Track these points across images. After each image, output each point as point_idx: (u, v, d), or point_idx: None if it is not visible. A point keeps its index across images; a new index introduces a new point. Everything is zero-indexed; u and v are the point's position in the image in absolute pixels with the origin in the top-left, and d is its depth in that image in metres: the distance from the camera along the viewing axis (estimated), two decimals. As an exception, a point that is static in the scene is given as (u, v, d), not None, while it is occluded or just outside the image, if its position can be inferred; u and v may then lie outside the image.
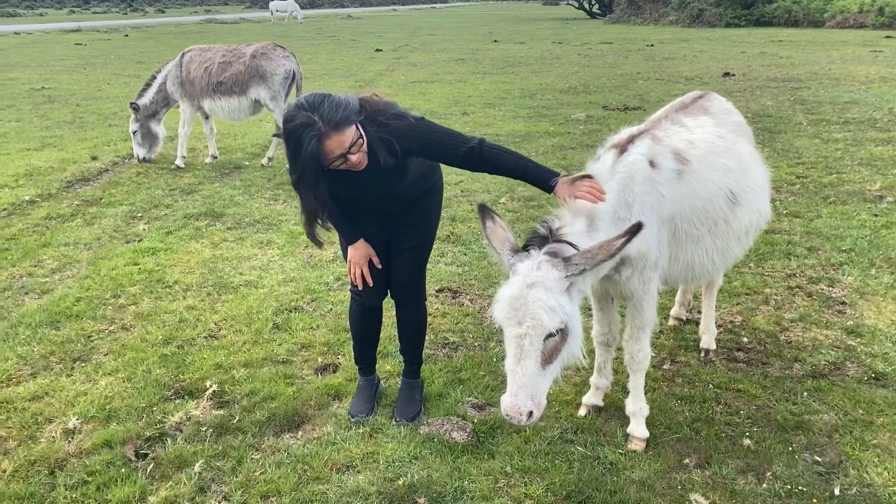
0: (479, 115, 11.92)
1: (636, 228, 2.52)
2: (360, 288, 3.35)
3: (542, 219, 2.78)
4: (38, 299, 4.92)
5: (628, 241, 2.52)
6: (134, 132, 8.46)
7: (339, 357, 4.08)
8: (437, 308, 4.67)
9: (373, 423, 3.43)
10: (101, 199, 7.26)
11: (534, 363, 2.46)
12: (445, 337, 4.30)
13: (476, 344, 4.22)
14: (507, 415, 2.47)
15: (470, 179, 7.75)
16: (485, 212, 2.79)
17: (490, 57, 22.09)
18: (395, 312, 3.59)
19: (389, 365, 3.99)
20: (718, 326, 4.30)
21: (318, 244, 3.19)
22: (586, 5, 56.56)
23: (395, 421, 3.45)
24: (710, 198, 3.11)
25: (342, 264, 5.41)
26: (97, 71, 18.90)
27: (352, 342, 3.69)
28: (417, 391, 3.62)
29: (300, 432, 3.42)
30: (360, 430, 3.38)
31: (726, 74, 16.01)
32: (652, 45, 24.44)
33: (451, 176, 7.90)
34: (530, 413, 2.46)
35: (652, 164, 2.95)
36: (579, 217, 2.73)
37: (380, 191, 3.14)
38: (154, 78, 8.40)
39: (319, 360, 4.05)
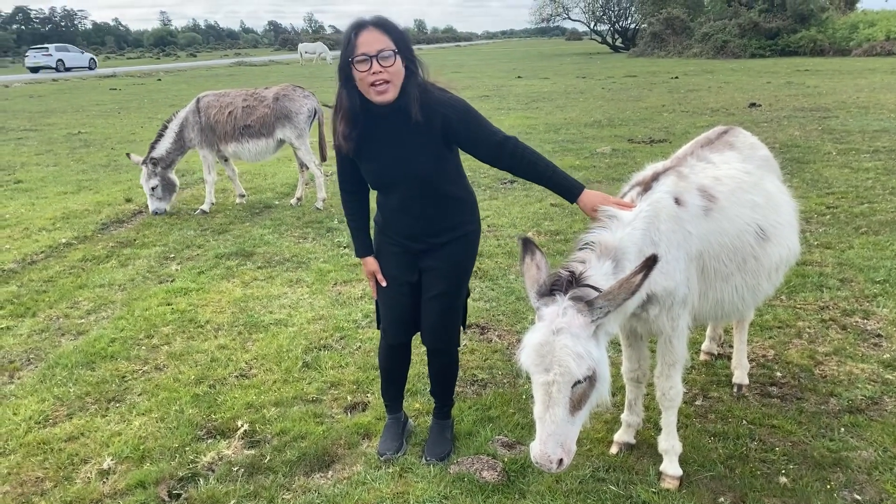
0: (504, 150, 11.99)
1: (652, 262, 2.51)
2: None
3: (564, 263, 2.78)
4: (74, 340, 5.02)
5: (646, 275, 2.50)
6: (154, 188, 8.27)
7: (369, 395, 4.09)
8: (465, 344, 4.67)
9: (402, 463, 3.43)
10: (134, 240, 7.42)
11: (562, 410, 2.45)
12: (474, 374, 4.29)
13: (505, 381, 4.20)
14: (538, 463, 2.45)
15: (496, 214, 7.79)
16: (526, 246, 2.78)
17: (514, 93, 22.31)
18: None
19: (418, 403, 3.99)
20: (751, 361, 4.24)
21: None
22: (609, 39, 57.06)
23: (426, 460, 3.44)
24: (738, 234, 3.10)
25: (370, 302, 5.45)
26: (131, 115, 19.43)
27: (380, 380, 3.70)
28: (448, 430, 3.60)
29: (330, 472, 3.42)
30: (390, 470, 3.38)
31: (752, 105, 15.97)
32: (676, 78, 24.51)
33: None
34: (560, 460, 2.44)
35: (677, 201, 2.95)
36: (604, 259, 2.72)
37: (402, 163, 3.05)
38: (166, 127, 8.38)
39: (349, 398, 4.07)
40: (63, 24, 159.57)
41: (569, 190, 3.00)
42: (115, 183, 10.26)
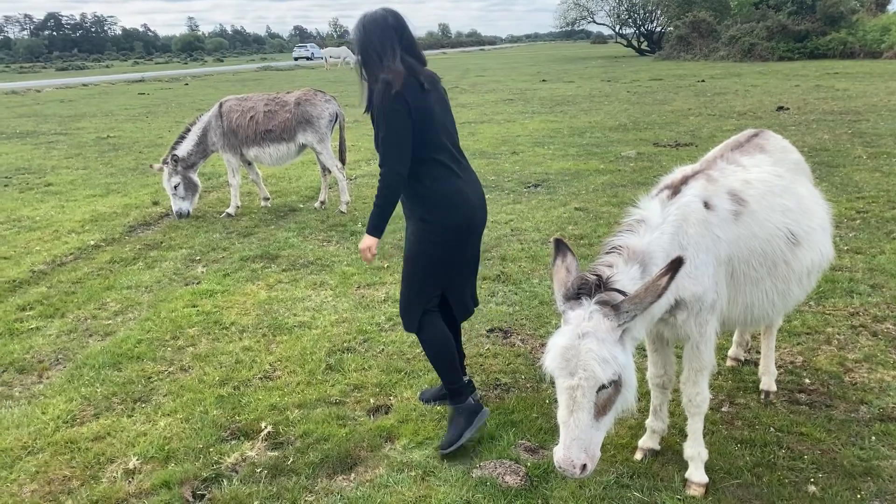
0: (528, 153, 11.98)
1: (677, 264, 2.48)
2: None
3: (591, 266, 2.75)
4: (101, 341, 5.08)
5: (672, 277, 2.47)
6: (176, 186, 8.29)
7: (391, 398, 4.09)
8: (487, 348, 4.66)
9: (425, 466, 3.42)
10: (161, 242, 7.50)
11: (586, 415, 2.42)
12: (497, 378, 4.27)
13: (528, 385, 4.18)
14: (561, 467, 2.43)
15: (519, 218, 7.76)
16: (558, 248, 2.77)
17: (539, 96, 22.26)
18: None
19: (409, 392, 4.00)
20: (778, 367, 4.17)
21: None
22: (635, 43, 56.73)
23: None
24: (768, 239, 3.05)
25: (393, 305, 5.46)
26: (159, 119, 19.69)
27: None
28: (451, 419, 3.61)
29: (353, 474, 3.42)
30: (413, 473, 3.37)
31: (780, 108, 15.78)
32: (703, 81, 24.28)
33: (501, 215, 7.94)
34: (584, 466, 2.42)
35: (707, 205, 2.92)
36: (632, 263, 2.69)
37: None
38: (189, 130, 8.45)
39: (371, 401, 4.07)
40: (93, 29, 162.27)
41: None
42: (142, 186, 10.39)
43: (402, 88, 3.37)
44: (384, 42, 3.46)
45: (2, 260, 6.95)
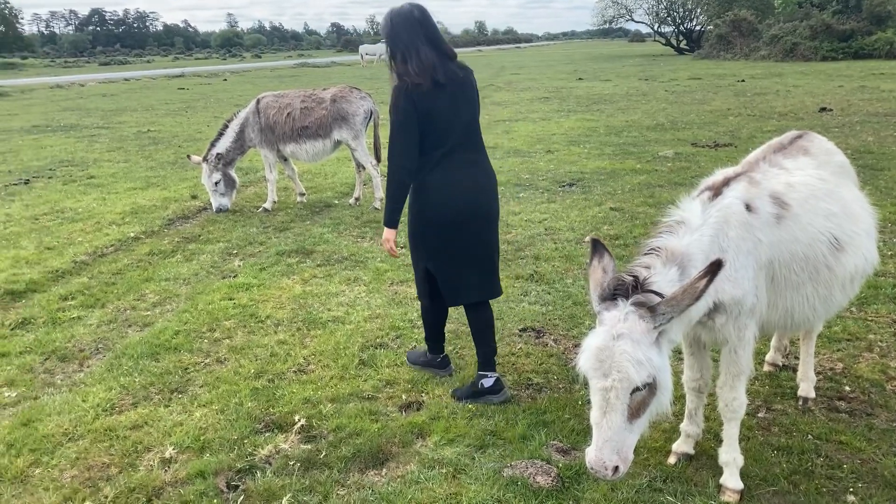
0: (563, 152, 11.90)
1: (716, 266, 2.44)
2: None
3: (628, 267, 2.73)
4: (140, 332, 5.18)
5: (711, 280, 2.43)
6: (217, 182, 8.40)
7: (423, 395, 4.10)
8: (520, 348, 4.64)
9: (456, 464, 3.42)
10: (199, 236, 7.62)
11: (620, 417, 2.40)
12: (529, 378, 4.26)
13: (561, 386, 4.16)
14: (592, 469, 2.41)
15: (553, 217, 7.72)
16: (595, 248, 2.74)
17: (575, 95, 22.10)
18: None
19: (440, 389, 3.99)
20: (818, 374, 4.09)
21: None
22: (674, 41, 56.02)
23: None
24: (811, 243, 2.99)
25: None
26: (198, 114, 19.99)
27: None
28: (424, 354, 4.40)
29: (384, 470, 3.44)
30: (444, 471, 3.38)
31: (823, 109, 15.45)
32: (743, 81, 23.89)
33: (535, 214, 7.91)
34: (616, 468, 2.40)
35: (748, 207, 2.87)
36: (670, 265, 2.66)
37: None
38: (227, 126, 8.54)
39: (403, 397, 4.09)
40: (136, 25, 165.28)
41: None
42: (181, 180, 10.56)
43: (414, 90, 3.65)
44: (411, 36, 3.69)
45: (46, 250, 7.12)
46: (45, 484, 3.38)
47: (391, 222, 3.87)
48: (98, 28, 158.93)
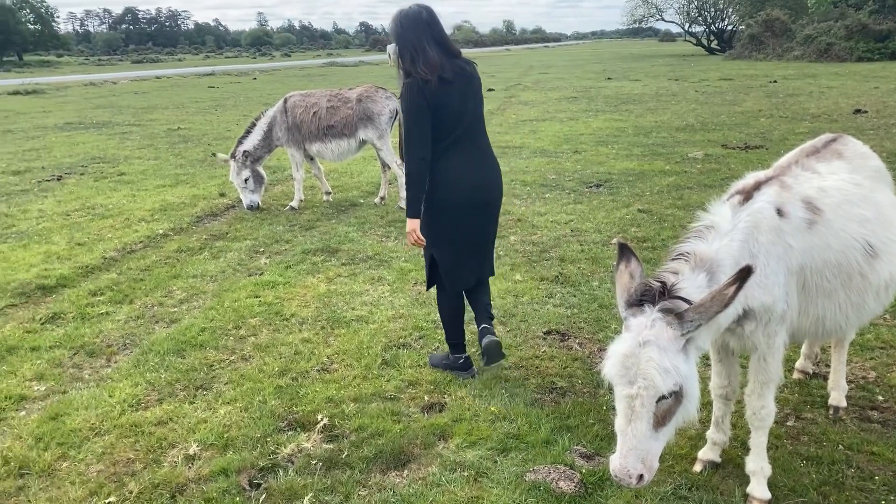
0: (590, 153, 11.82)
1: (746, 273, 2.38)
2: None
3: (655, 273, 2.68)
4: (166, 328, 5.23)
5: (740, 287, 2.38)
6: (246, 179, 8.48)
7: (446, 396, 4.08)
8: (544, 351, 4.60)
9: (478, 467, 3.40)
10: (227, 233, 7.68)
11: (645, 425, 2.36)
12: (553, 381, 4.22)
13: (585, 390, 4.11)
14: (616, 477, 2.37)
15: (580, 219, 7.66)
16: (622, 252, 2.70)
17: (603, 95, 21.94)
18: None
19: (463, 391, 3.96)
20: (849, 382, 4.00)
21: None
22: (704, 41, 55.38)
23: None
24: (843, 250, 2.92)
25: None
26: (227, 112, 20.18)
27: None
28: (446, 355, 4.41)
29: (406, 471, 3.43)
30: (465, 474, 3.36)
31: (857, 111, 15.16)
32: (775, 82, 23.53)
33: (562, 215, 7.86)
34: (640, 476, 2.36)
35: (780, 212, 2.81)
36: (699, 270, 2.61)
37: None
38: (254, 125, 8.61)
39: (426, 398, 4.07)
40: (168, 24, 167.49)
41: None
42: (210, 178, 10.66)
43: (424, 85, 3.88)
44: (419, 36, 3.91)
45: (76, 246, 7.22)
46: (71, 478, 3.42)
47: (414, 213, 4.04)
48: (131, 26, 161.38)
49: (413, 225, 4.03)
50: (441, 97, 3.91)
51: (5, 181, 10.77)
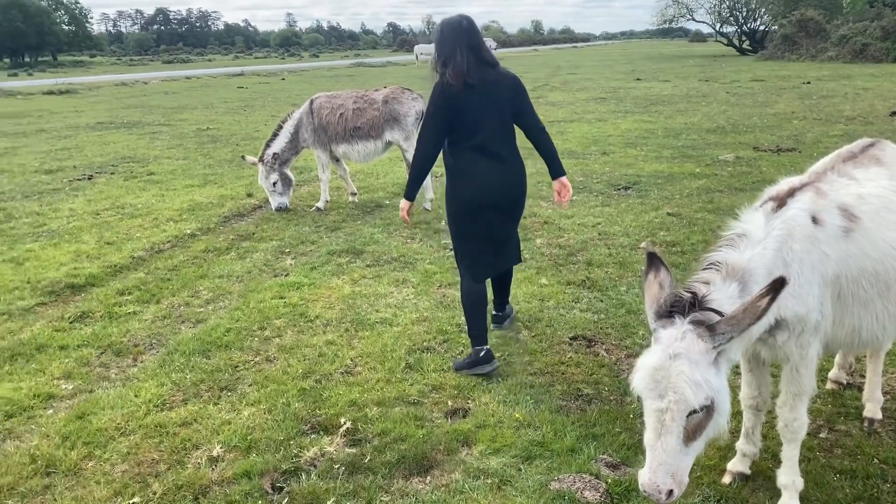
0: (619, 154, 11.70)
1: (779, 284, 2.31)
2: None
3: (686, 283, 2.61)
4: (192, 328, 5.26)
5: (773, 298, 2.30)
6: (275, 183, 8.49)
7: (469, 402, 4.04)
8: (570, 357, 4.54)
9: (502, 475, 3.35)
10: (253, 234, 7.72)
11: (675, 440, 2.29)
12: (578, 388, 4.15)
13: (612, 398, 4.04)
14: (645, 492, 2.31)
15: (607, 222, 7.57)
16: (651, 261, 2.63)
17: (632, 95, 21.74)
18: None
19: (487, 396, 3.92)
20: (885, 394, 3.89)
21: None
22: (736, 41, 54.67)
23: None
24: (882, 259, 2.82)
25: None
26: (256, 113, 20.34)
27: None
28: (470, 355, 4.45)
29: (429, 477, 3.40)
30: (489, 481, 3.31)
31: (894, 114, 14.82)
32: (808, 83, 23.13)
33: (589, 218, 7.78)
34: (670, 492, 2.29)
35: (814, 220, 2.72)
36: (730, 280, 2.54)
37: None
38: (281, 127, 8.61)
39: (449, 403, 4.04)
40: (198, 24, 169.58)
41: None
42: (237, 178, 10.74)
43: (447, 89, 4.20)
44: (454, 43, 4.23)
45: (106, 245, 7.31)
46: (96, 477, 3.44)
47: (408, 196, 4.57)
48: (162, 27, 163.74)
49: (404, 205, 4.60)
50: (462, 102, 4.21)
51: (38, 180, 10.95)
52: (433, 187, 8.64)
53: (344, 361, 4.61)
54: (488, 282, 4.72)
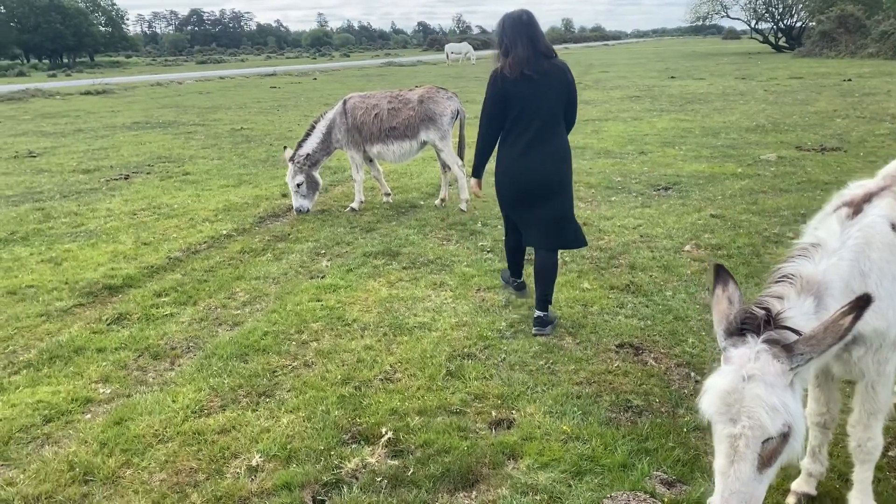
0: (656, 154, 11.46)
1: (864, 302, 2.12)
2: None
3: (758, 298, 2.44)
4: (229, 331, 5.19)
5: (858, 317, 2.12)
6: (299, 184, 8.35)
7: (514, 412, 3.90)
8: (617, 366, 4.37)
9: (551, 491, 3.21)
10: (289, 234, 7.66)
11: (749, 467, 2.12)
12: (628, 399, 3.99)
13: (663, 410, 3.88)
14: None
15: (649, 223, 7.37)
16: (719, 275, 2.46)
17: (667, 94, 21.39)
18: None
19: (532, 407, 3.76)
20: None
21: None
22: (771, 38, 53.65)
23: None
24: None
25: (515, 310, 5.28)
26: (288, 112, 20.38)
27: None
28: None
29: (474, 492, 3.27)
30: (537, 497, 3.18)
31: (943, 111, 14.35)
32: (849, 80, 22.55)
33: (629, 219, 7.59)
34: None
35: (894, 227, 2.54)
36: (805, 295, 2.36)
37: None
38: (314, 127, 8.50)
39: (493, 413, 3.90)
40: (231, 25, 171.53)
41: None
42: (272, 178, 10.71)
43: (504, 77, 4.64)
44: (515, 35, 4.65)
45: (142, 245, 7.30)
46: (134, 486, 3.38)
47: (475, 174, 5.21)
48: (196, 28, 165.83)
49: (473, 182, 5.30)
50: (518, 89, 4.63)
51: (75, 179, 11.05)
52: (468, 187, 8.50)
53: (383, 367, 4.50)
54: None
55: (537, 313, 4.91)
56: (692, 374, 4.23)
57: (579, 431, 3.65)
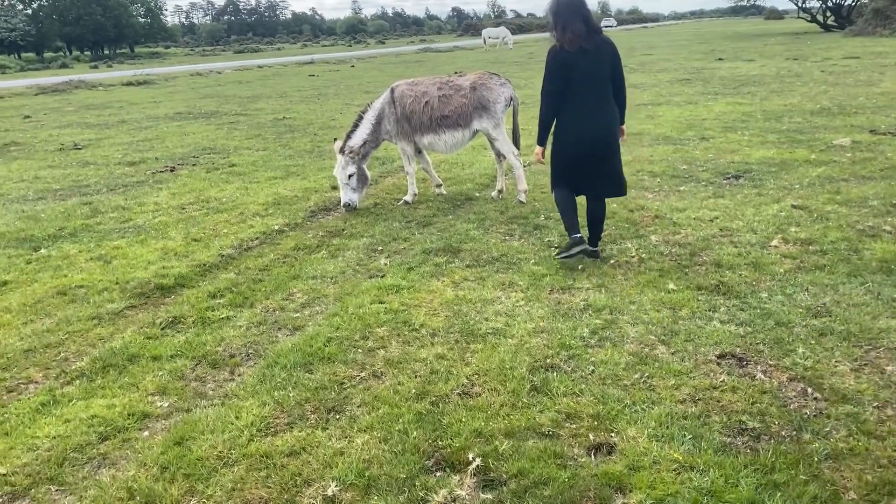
0: (719, 139, 10.87)
1: None
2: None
3: None
4: (290, 336, 4.87)
5: None
6: (350, 176, 7.89)
7: (612, 435, 3.49)
8: (722, 380, 3.92)
9: (672, 534, 2.81)
10: (342, 230, 7.32)
11: None
12: (741, 420, 3.54)
13: (784, 434, 3.42)
14: None
15: (726, 216, 6.86)
16: None
17: (718, 76, 20.60)
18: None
19: (634, 429, 3.35)
20: None
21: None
22: (820, 17, 51.89)
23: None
24: None
25: (596, 315, 4.87)
26: (329, 101, 20.08)
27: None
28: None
29: (581, 532, 2.88)
30: (657, 541, 2.78)
31: None
32: (912, 59, 21.47)
33: (704, 211, 7.10)
34: None
35: None
36: None
37: None
38: (361, 118, 8.07)
39: (590, 436, 3.50)
40: (267, 14, 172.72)
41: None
42: (319, 169, 10.39)
43: (564, 51, 5.31)
44: (570, 13, 5.30)
45: (193, 242, 7.03)
46: (201, 518, 3.06)
47: (540, 143, 5.72)
48: (233, 17, 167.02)
49: (538, 150, 5.74)
50: (577, 62, 5.31)
51: (121, 172, 10.88)
52: (525, 177, 8.07)
53: (460, 380, 4.12)
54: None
55: (591, 248, 5.83)
56: (809, 390, 3.77)
57: (693, 460, 3.23)
